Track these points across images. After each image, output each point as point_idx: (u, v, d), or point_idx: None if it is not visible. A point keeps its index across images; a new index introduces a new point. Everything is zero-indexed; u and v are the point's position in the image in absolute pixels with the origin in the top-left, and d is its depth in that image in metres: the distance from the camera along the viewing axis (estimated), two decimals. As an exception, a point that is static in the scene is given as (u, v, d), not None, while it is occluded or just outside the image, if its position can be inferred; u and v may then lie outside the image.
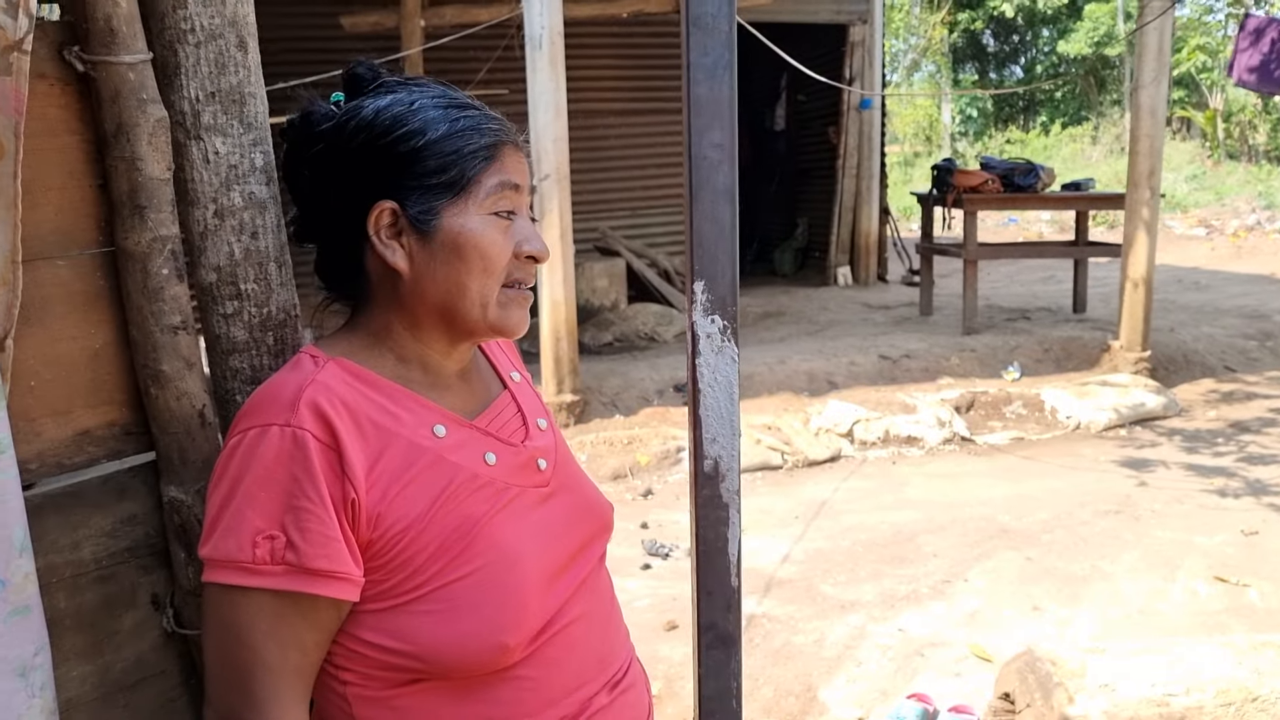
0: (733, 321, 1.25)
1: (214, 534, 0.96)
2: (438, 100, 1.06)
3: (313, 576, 0.95)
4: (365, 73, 1.08)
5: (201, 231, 1.09)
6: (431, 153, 1.03)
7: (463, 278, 1.05)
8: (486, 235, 1.05)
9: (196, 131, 1.08)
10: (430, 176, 1.03)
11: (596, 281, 7.76)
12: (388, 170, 1.03)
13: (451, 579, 1.00)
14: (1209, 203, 15.55)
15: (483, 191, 1.05)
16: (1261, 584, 3.87)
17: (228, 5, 1.08)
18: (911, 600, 3.85)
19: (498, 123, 1.08)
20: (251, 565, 0.94)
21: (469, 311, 1.06)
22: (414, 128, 1.03)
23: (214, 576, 0.96)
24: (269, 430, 0.97)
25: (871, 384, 6.51)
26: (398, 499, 1.00)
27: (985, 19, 22.22)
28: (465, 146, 1.04)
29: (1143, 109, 6.63)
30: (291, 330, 1.16)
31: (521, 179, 1.09)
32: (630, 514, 4.74)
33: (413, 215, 1.04)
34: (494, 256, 1.05)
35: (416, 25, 6.68)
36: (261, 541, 0.94)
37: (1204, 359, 7.26)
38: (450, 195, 1.04)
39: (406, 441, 1.03)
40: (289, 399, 0.98)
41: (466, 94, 1.10)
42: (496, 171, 1.06)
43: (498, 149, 1.06)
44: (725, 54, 1.19)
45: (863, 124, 10.01)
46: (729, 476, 1.31)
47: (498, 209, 1.06)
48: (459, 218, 1.04)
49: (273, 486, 0.95)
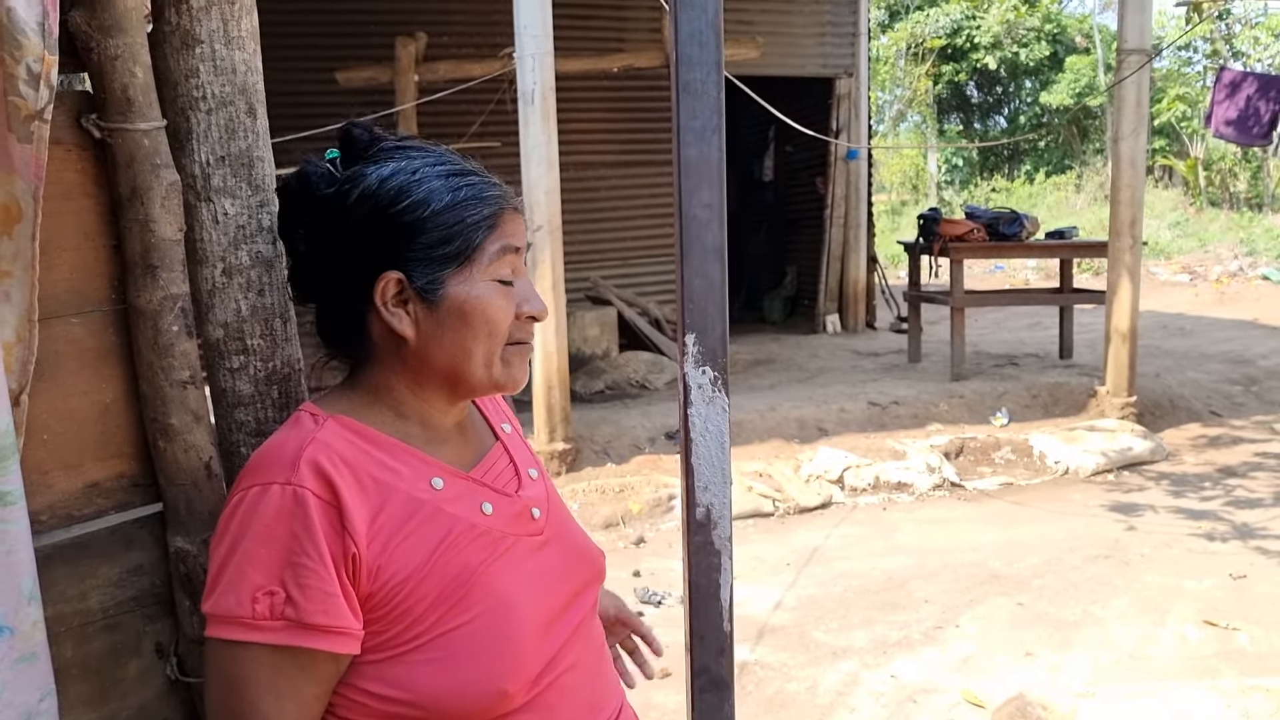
0: (723, 373, 1.30)
1: (216, 590, 0.99)
2: (440, 169, 1.08)
3: (311, 631, 0.98)
4: (361, 135, 1.10)
5: (210, 289, 1.13)
6: (436, 224, 1.06)
7: (469, 343, 1.08)
8: (491, 301, 1.08)
9: (207, 194, 1.12)
10: (436, 247, 1.06)
11: (588, 330, 7.81)
12: (392, 240, 1.06)
13: (450, 627, 1.03)
14: (1192, 249, 15.74)
15: (485, 258, 1.08)
16: (1250, 628, 3.89)
17: (238, 74, 1.13)
18: (904, 646, 3.86)
19: (497, 188, 1.11)
20: (251, 620, 0.97)
21: (474, 373, 1.10)
22: (418, 199, 1.06)
23: (215, 631, 0.99)
24: (270, 489, 0.99)
25: (861, 431, 6.55)
26: (398, 551, 1.02)
27: (969, 71, 22.60)
28: (469, 216, 1.07)
29: (1123, 160, 6.76)
30: (295, 384, 1.20)
31: (520, 241, 1.12)
32: (622, 562, 4.74)
33: (419, 286, 1.06)
34: (498, 321, 1.09)
35: (410, 80, 6.78)
36: (261, 597, 0.97)
37: (1190, 404, 7.32)
38: (455, 265, 1.07)
39: (406, 495, 1.05)
40: (290, 458, 1.01)
41: (459, 155, 1.13)
42: (498, 238, 1.09)
43: (498, 215, 1.09)
44: (714, 118, 1.25)
45: (850, 174, 10.16)
46: (721, 524, 1.35)
47: (500, 274, 1.09)
48: (464, 286, 1.07)
49: (273, 544, 0.98)
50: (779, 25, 9.59)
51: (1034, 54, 21.55)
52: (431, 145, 1.13)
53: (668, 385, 7.59)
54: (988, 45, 21.64)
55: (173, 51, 1.11)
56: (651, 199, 9.30)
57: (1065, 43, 21.87)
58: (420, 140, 1.14)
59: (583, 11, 8.41)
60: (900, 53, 22.59)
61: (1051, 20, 21.84)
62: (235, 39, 1.13)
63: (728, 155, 1.33)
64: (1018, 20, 21.43)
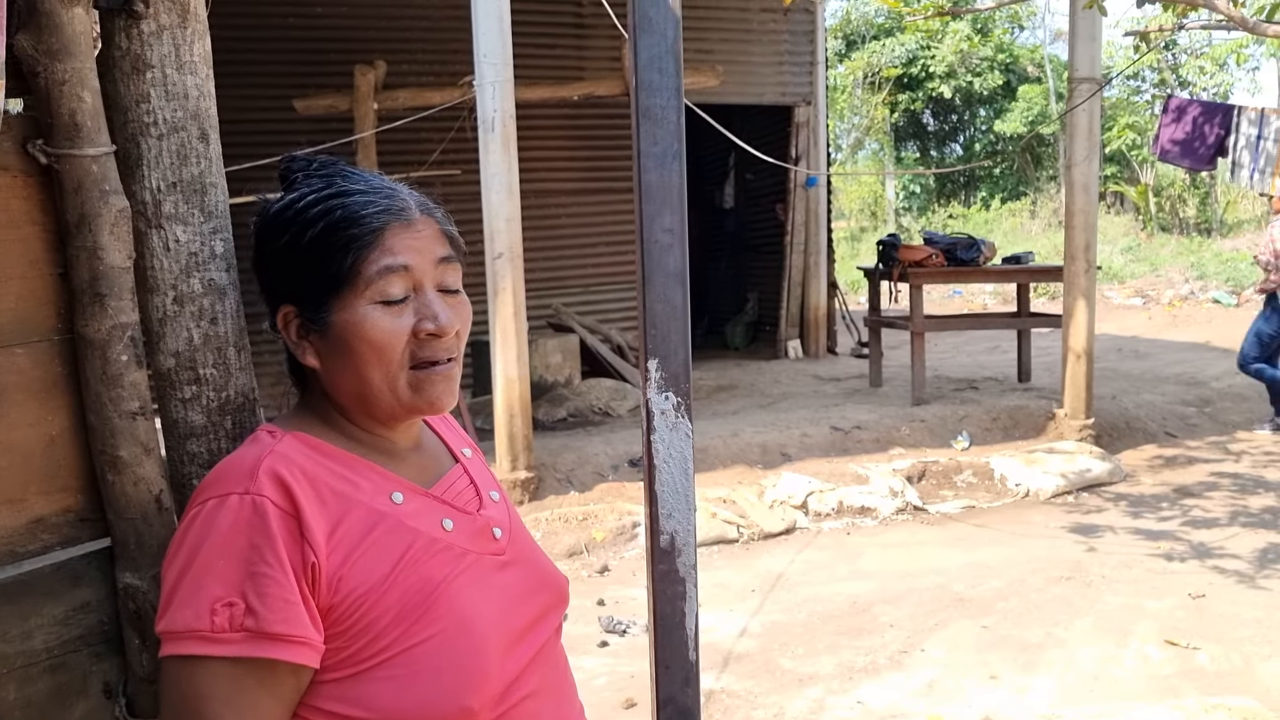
0: (686, 398, 1.29)
1: (170, 606, 0.96)
2: (324, 193, 1.07)
3: (272, 641, 0.95)
4: (286, 169, 1.12)
5: (161, 317, 1.11)
6: (310, 251, 1.05)
7: (361, 370, 1.06)
8: (374, 325, 1.05)
9: (158, 220, 1.10)
10: (312, 275, 1.05)
11: (550, 357, 7.78)
12: (283, 272, 1.07)
13: (412, 643, 1.01)
14: (1144, 273, 16.03)
15: (363, 281, 1.04)
16: (1210, 647, 3.93)
17: (190, 99, 1.11)
18: (869, 672, 3.85)
19: (383, 202, 1.07)
20: (210, 634, 0.94)
21: (379, 398, 1.08)
22: (295, 229, 1.06)
23: (171, 649, 0.95)
24: (227, 500, 0.98)
25: (824, 455, 6.57)
26: (359, 563, 1.01)
27: (925, 100, 22.93)
28: (338, 240, 1.04)
29: (1076, 186, 6.87)
30: (250, 414, 1.17)
31: (412, 257, 1.06)
32: (587, 591, 4.70)
33: (307, 316, 1.07)
34: (384, 344, 1.05)
35: (370, 108, 6.76)
36: (220, 609, 0.94)
37: (1146, 425, 7.43)
38: (335, 291, 1.05)
39: (366, 507, 1.04)
40: (248, 469, 1.00)
41: (366, 175, 1.11)
42: (378, 258, 1.05)
43: (379, 234, 1.05)
44: (674, 143, 1.25)
45: (809, 201, 10.24)
46: (685, 551, 1.33)
47: (386, 295, 1.05)
48: (344, 312, 1.05)
49: (231, 554, 0.96)
50: (738, 54, 9.69)
51: (988, 83, 21.92)
52: (351, 170, 1.12)
53: (631, 412, 7.57)
54: (942, 74, 21.99)
55: (123, 76, 1.09)
56: (613, 226, 9.32)
57: (1018, 72, 22.28)
58: (345, 167, 1.12)
59: (543, 40, 8.44)
60: (857, 82, 22.90)
61: (1004, 50, 22.26)
62: (187, 64, 1.11)
63: (689, 183, 1.32)
64: (971, 50, 21.82)
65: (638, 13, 1.21)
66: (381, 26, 8.11)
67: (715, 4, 9.61)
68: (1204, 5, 4.36)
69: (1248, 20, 4.25)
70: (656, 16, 1.22)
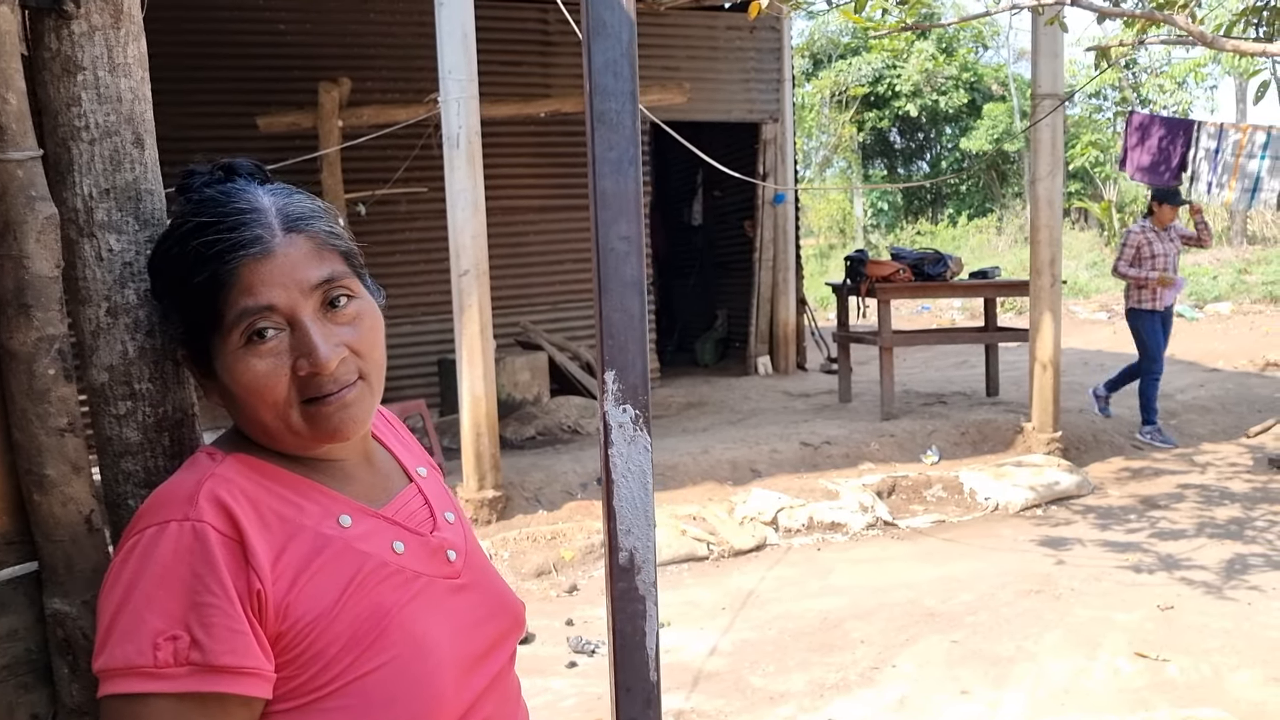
0: (645, 411, 1.25)
1: (109, 642, 0.91)
2: (181, 229, 1.00)
3: (220, 674, 0.90)
4: (182, 185, 1.06)
5: (94, 330, 1.06)
6: (176, 297, 1.01)
7: (251, 412, 1.01)
8: (246, 371, 0.98)
9: (89, 229, 1.05)
10: (185, 319, 1.02)
11: (518, 375, 7.73)
12: (163, 311, 1.06)
13: (364, 671, 0.97)
14: (1109, 288, 16.19)
15: (226, 327, 0.98)
16: (1180, 658, 3.93)
17: (124, 103, 1.07)
18: (840, 689, 3.81)
19: (234, 235, 0.98)
20: (154, 669, 0.89)
21: (281, 436, 1.02)
22: (162, 273, 1.02)
23: (111, 688, 0.90)
24: (166, 527, 0.93)
25: (794, 471, 6.55)
26: (306, 588, 0.96)
27: (891, 118, 23.15)
28: (197, 285, 0.98)
29: (1041, 200, 6.93)
30: (188, 430, 1.12)
31: (276, 293, 0.97)
32: (555, 611, 4.64)
33: (195, 361, 1.04)
34: (261, 389, 0.98)
35: (334, 125, 6.70)
36: (163, 643, 0.89)
37: (1113, 438, 7.47)
38: (207, 335, 1.00)
39: (312, 531, 1.00)
40: (187, 494, 0.95)
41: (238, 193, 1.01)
42: (236, 301, 0.97)
43: (232, 274, 0.97)
44: (630, 149, 1.22)
45: (777, 218, 10.27)
46: (645, 568, 1.29)
47: (254, 337, 0.98)
48: (220, 358, 0.99)
49: (173, 584, 0.91)
50: (705, 71, 9.71)
51: (953, 101, 22.17)
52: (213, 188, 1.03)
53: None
54: (909, 93, 22.22)
55: (52, 79, 1.04)
56: (581, 243, 9.30)
57: (982, 91, 22.55)
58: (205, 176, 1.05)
59: (509, 57, 8.43)
60: (825, 100, 23.08)
61: (969, 69, 22.53)
62: (121, 66, 1.07)
63: (657, 200, 1.29)
64: (936, 69, 22.06)
65: (591, 16, 1.18)
66: (346, 43, 8.07)
67: (682, 21, 9.64)
68: (1164, 21, 4.40)
69: (1206, 35, 4.30)
70: (611, 20, 1.19)
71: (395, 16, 8.19)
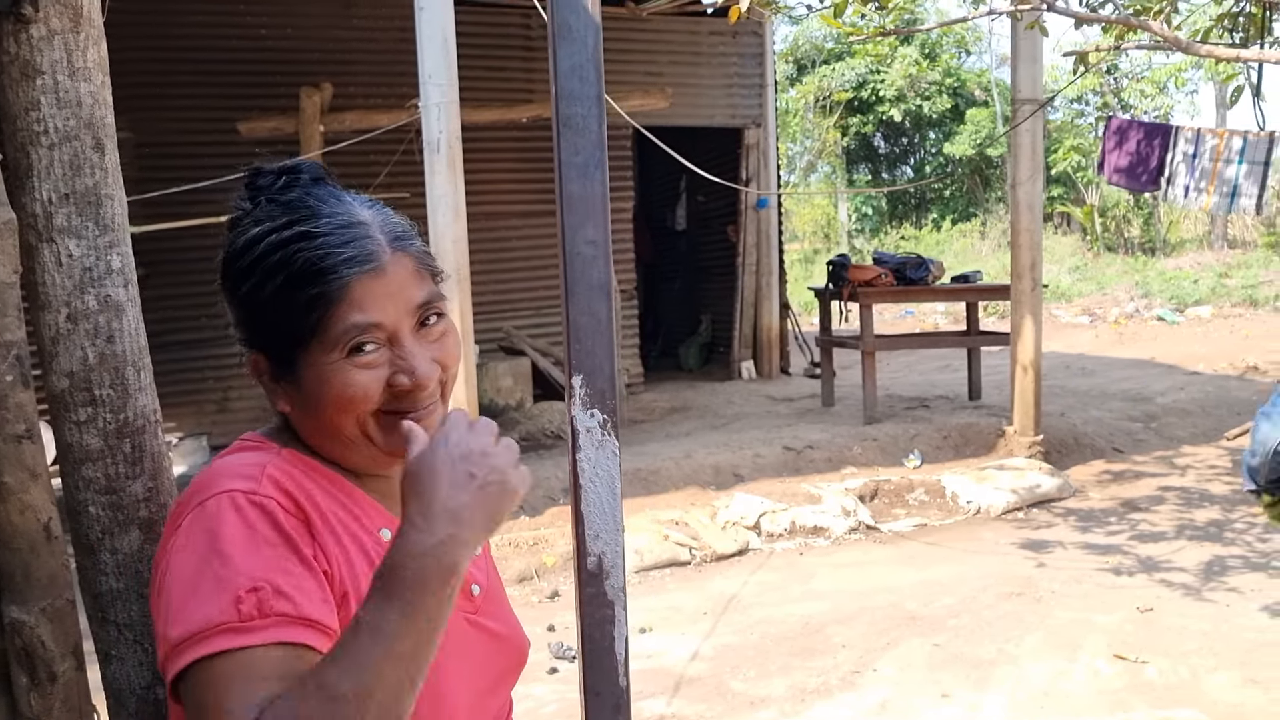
0: (613, 415, 1.25)
1: (185, 611, 0.86)
2: (281, 234, 0.98)
3: (309, 627, 0.87)
4: (259, 184, 1.03)
5: (53, 336, 1.06)
6: (273, 305, 0.98)
7: (331, 420, 1.00)
8: (344, 381, 0.98)
9: (49, 234, 1.05)
10: (278, 329, 0.99)
11: (501, 381, 7.71)
12: (247, 319, 1.02)
13: None
14: (1091, 292, 16.30)
15: (330, 340, 0.97)
16: (1159, 660, 3.94)
17: (84, 107, 1.06)
18: (822, 693, 3.82)
19: (349, 250, 0.98)
20: (239, 624, 0.84)
21: (355, 446, 1.02)
22: (256, 278, 0.98)
23: (193, 653, 0.84)
24: (234, 497, 0.91)
25: (777, 475, 6.56)
26: (354, 594, 0.96)
27: (875, 123, 23.23)
28: (301, 296, 0.96)
29: (1021, 205, 6.96)
30: (150, 436, 1.12)
31: (384, 312, 0.99)
32: (537, 617, 4.63)
33: (276, 366, 1.01)
34: (355, 399, 0.99)
35: (316, 130, 6.68)
36: (246, 596, 0.85)
37: (1094, 441, 7.51)
38: (302, 347, 0.98)
39: (363, 539, 1.00)
40: (250, 471, 0.95)
41: (331, 202, 1.02)
42: (344, 315, 0.97)
43: (345, 289, 0.97)
44: (596, 153, 1.22)
45: (761, 223, 10.29)
46: (614, 573, 1.29)
47: (355, 350, 0.98)
48: (313, 368, 0.98)
49: (247, 545, 0.88)
50: (687, 76, 9.73)
51: (936, 107, 22.27)
52: (318, 192, 1.03)
53: (584, 435, 7.51)
54: (892, 98, 22.31)
55: (11, 83, 1.04)
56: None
57: (965, 96, 22.66)
58: (311, 187, 1.03)
59: (491, 62, 8.42)
60: (809, 105, 23.15)
61: (952, 74, 22.63)
62: (81, 70, 1.06)
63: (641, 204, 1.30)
64: (920, 75, 22.16)
65: (556, 20, 1.18)
66: (328, 48, 8.05)
67: (664, 26, 9.66)
68: (1140, 27, 4.43)
69: (1181, 41, 4.33)
70: (576, 24, 1.19)
71: (377, 21, 8.17)
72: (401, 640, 0.82)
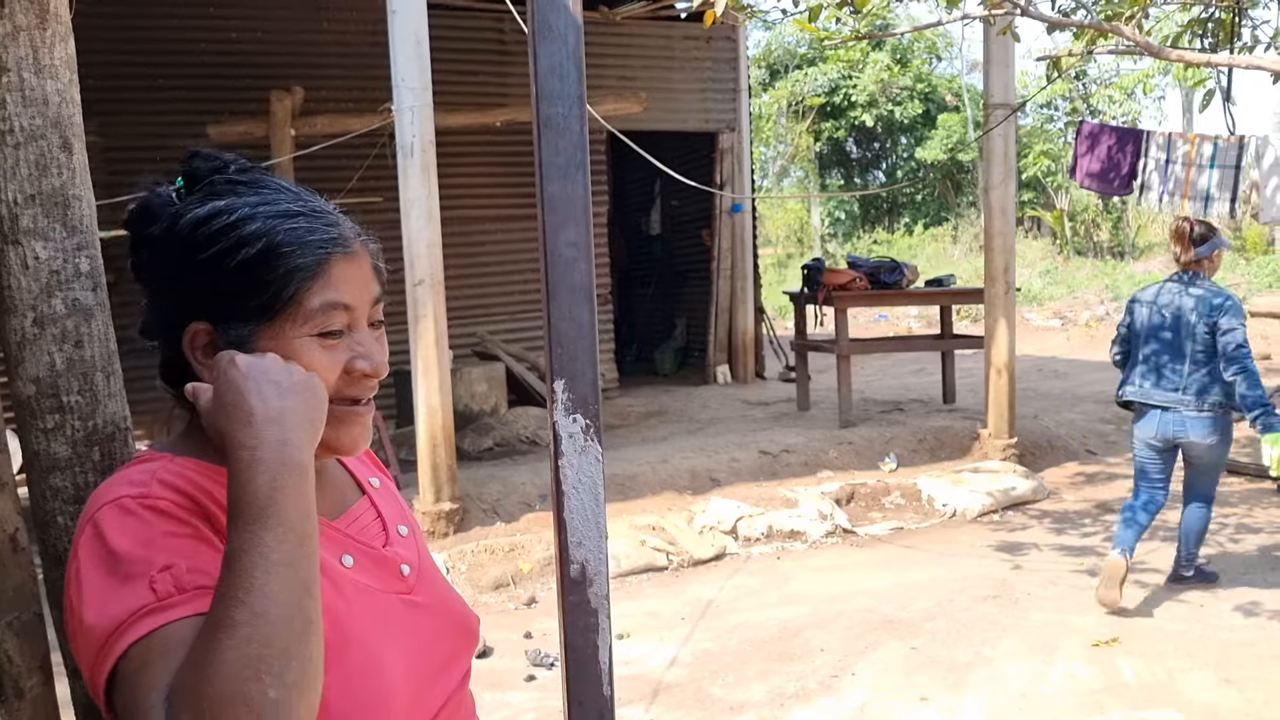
0: (595, 420, 1.23)
1: (103, 610, 0.84)
2: (264, 209, 0.98)
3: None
4: (200, 166, 1.02)
5: (19, 341, 1.02)
6: (246, 273, 0.96)
7: None
8: (309, 359, 0.97)
9: (15, 236, 1.02)
10: (245, 299, 0.96)
11: (475, 386, 7.66)
12: (203, 287, 0.97)
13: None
14: (1062, 296, 16.44)
15: (303, 314, 0.97)
16: (1134, 661, 3.96)
17: (51, 105, 1.03)
18: (800, 698, 3.81)
19: (329, 230, 0.99)
20: (158, 604, 0.84)
21: None
22: (227, 245, 0.96)
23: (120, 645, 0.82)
24: (122, 502, 0.89)
25: (753, 479, 6.55)
26: None
27: (848, 128, 23.35)
28: (282, 266, 0.96)
29: (994, 209, 7.00)
30: (121, 444, 1.08)
31: (353, 296, 1.00)
32: (513, 624, 4.59)
33: (229, 339, 0.97)
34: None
35: (287, 134, 6.62)
36: (159, 576, 0.85)
37: (1067, 444, 7.56)
38: (268, 318, 0.97)
39: None
40: (140, 479, 0.92)
41: (305, 193, 1.03)
42: (320, 291, 0.98)
43: (323, 264, 0.98)
44: (577, 153, 1.20)
45: (735, 227, 10.30)
46: (597, 581, 1.27)
47: (322, 330, 0.98)
48: (275, 341, 0.97)
49: (149, 540, 0.87)
50: (661, 81, 9.73)
51: (908, 112, 22.41)
52: (279, 181, 1.04)
53: (559, 440, 7.47)
54: (864, 103, 22.43)
55: (-26, 80, 1.00)
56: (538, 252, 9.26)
57: (937, 101, 22.82)
58: (267, 175, 1.04)
59: (464, 66, 8.38)
60: (782, 110, 23.23)
61: (923, 80, 22.79)
62: (47, 68, 1.03)
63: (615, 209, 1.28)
64: (891, 80, 22.30)
65: (537, 19, 1.16)
66: (299, 52, 7.98)
67: (638, 31, 9.66)
68: (1112, 31, 4.47)
69: (1153, 46, 4.37)
70: (557, 23, 1.17)
71: (349, 25, 8.11)
72: (276, 549, 0.82)
